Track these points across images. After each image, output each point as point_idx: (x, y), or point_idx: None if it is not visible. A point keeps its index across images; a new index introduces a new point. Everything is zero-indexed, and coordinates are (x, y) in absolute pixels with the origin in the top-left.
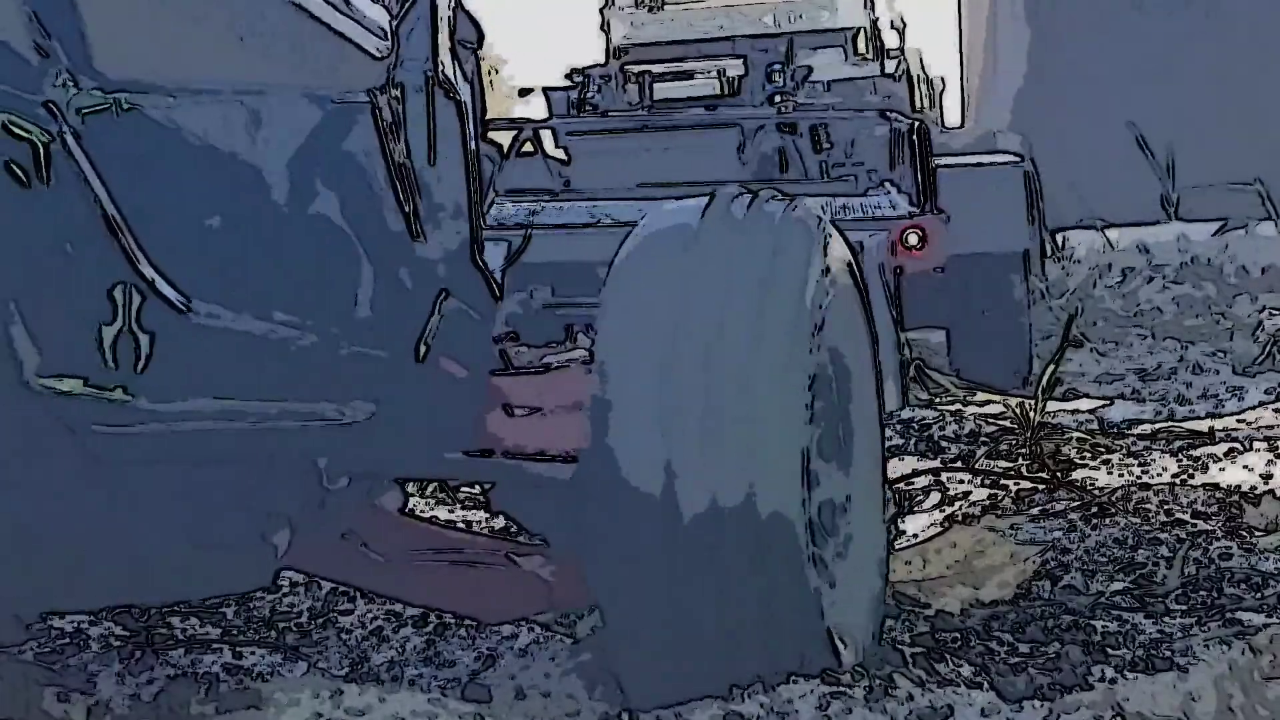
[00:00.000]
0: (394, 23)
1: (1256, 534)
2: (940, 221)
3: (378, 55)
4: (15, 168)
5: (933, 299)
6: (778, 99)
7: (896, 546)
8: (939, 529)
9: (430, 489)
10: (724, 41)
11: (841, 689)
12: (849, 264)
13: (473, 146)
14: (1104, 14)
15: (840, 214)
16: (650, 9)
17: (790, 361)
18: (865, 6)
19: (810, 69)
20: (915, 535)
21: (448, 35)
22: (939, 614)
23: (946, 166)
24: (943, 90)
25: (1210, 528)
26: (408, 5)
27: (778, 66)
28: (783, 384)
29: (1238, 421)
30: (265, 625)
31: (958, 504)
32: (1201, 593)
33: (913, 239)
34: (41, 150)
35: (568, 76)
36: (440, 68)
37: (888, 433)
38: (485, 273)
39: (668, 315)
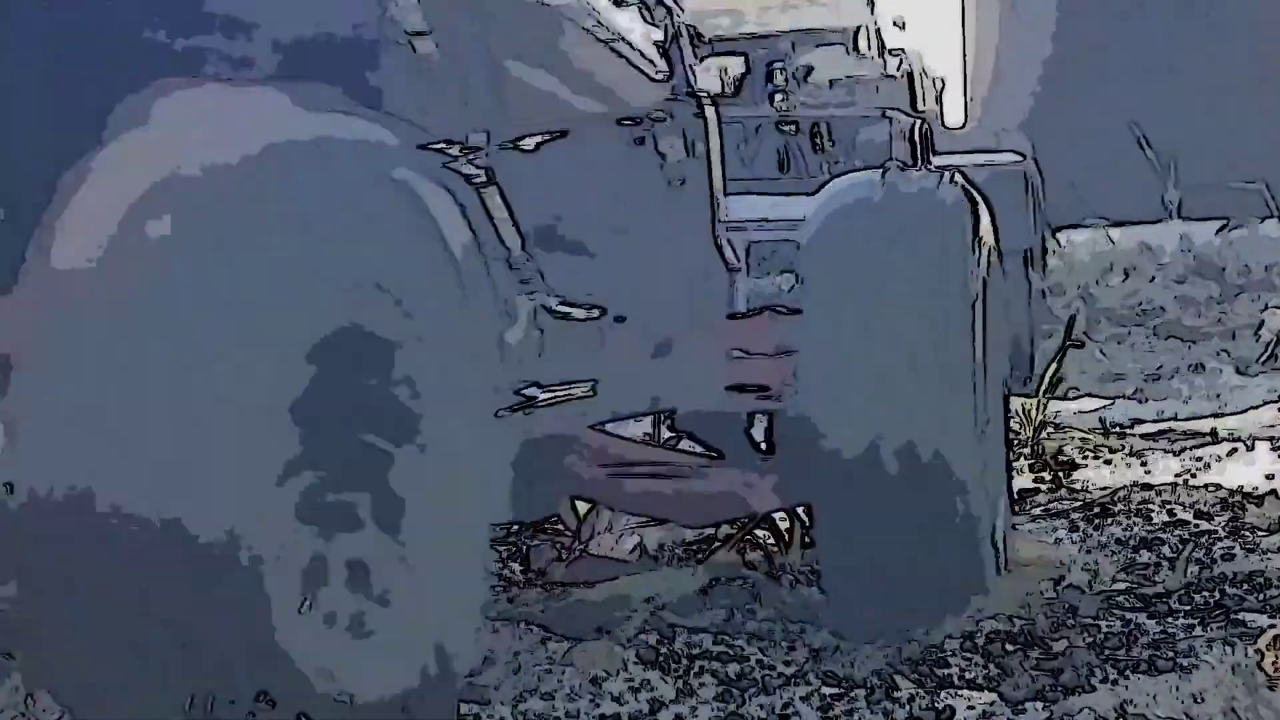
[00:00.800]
0: (665, 46)
1: (1259, 534)
2: None
3: (658, 78)
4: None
5: None
6: (778, 98)
7: None
8: None
9: None
10: (724, 41)
11: (843, 690)
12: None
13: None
14: (1105, 14)
15: None
16: None
17: (964, 321)
18: (867, 5)
19: (811, 68)
20: None
21: (692, 51)
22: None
23: (948, 166)
24: (943, 89)
25: (1213, 528)
26: (675, 31)
27: (778, 65)
28: (960, 346)
29: (1240, 421)
30: None
31: None
32: (1204, 593)
33: None
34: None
35: None
36: (694, 79)
37: None
38: (722, 247)
39: (863, 279)
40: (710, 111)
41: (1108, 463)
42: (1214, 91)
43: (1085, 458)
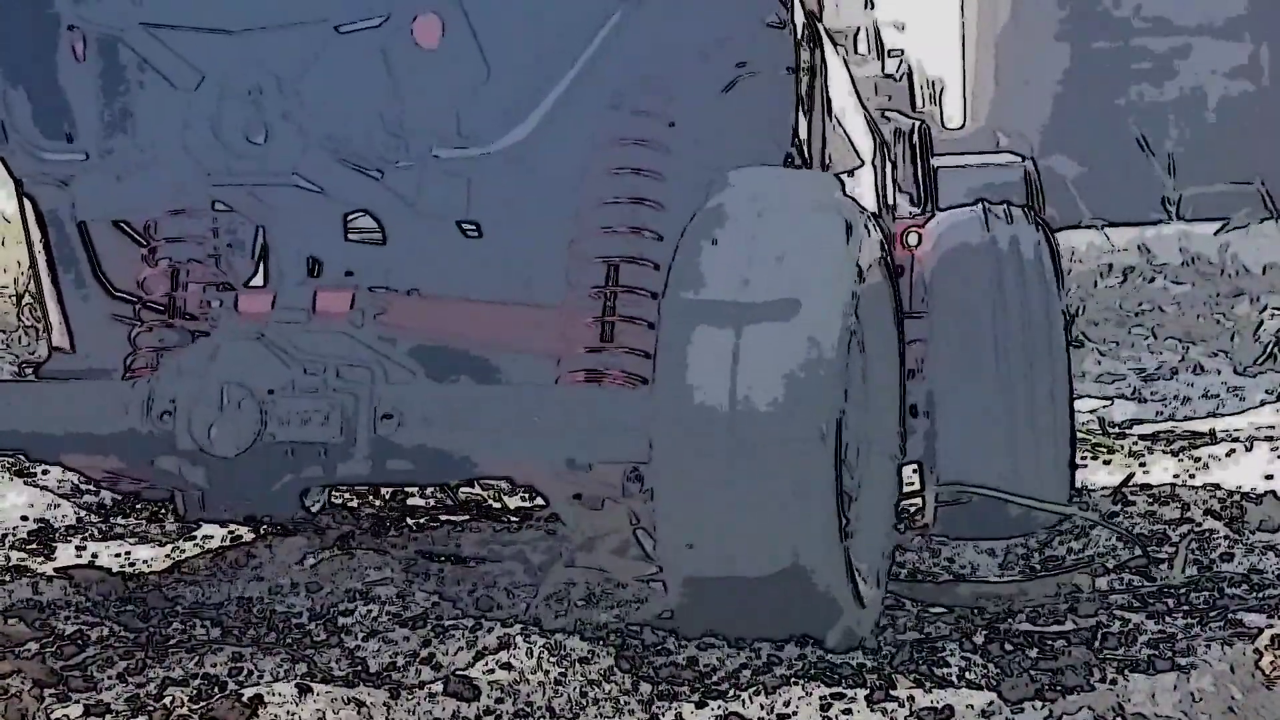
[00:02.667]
0: None
1: (1258, 534)
2: None
3: None
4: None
5: None
6: None
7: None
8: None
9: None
10: None
11: (842, 690)
12: None
13: None
14: (1104, 13)
15: None
16: None
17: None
18: (866, 6)
19: None
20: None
21: None
22: (939, 614)
23: (947, 166)
24: (942, 90)
25: (1212, 528)
26: None
27: None
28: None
29: (1239, 421)
30: (264, 626)
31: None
32: (1203, 593)
33: (913, 239)
34: None
35: None
36: None
37: None
38: None
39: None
40: None
41: (1106, 463)
42: (1214, 91)
43: (1083, 458)
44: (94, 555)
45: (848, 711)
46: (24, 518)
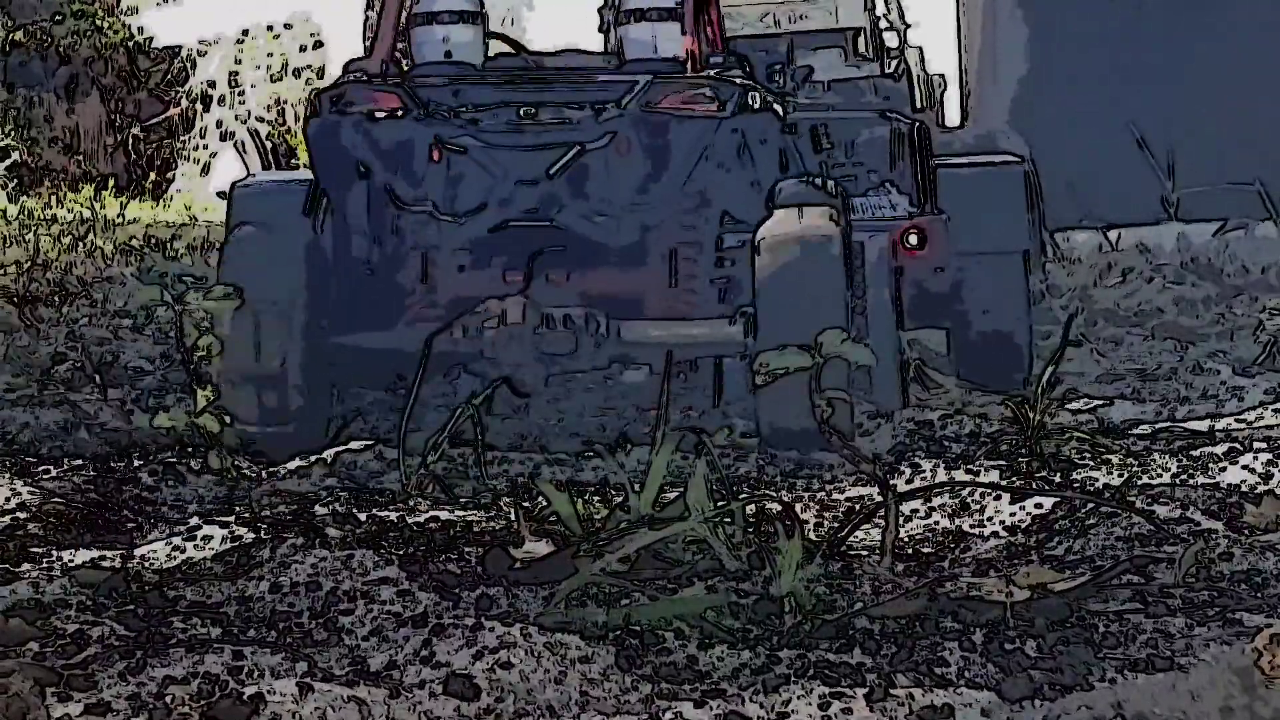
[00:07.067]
0: None
1: (1257, 533)
2: (940, 221)
3: None
4: None
5: (933, 299)
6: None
7: (898, 548)
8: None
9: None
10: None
11: (842, 689)
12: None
13: None
14: (1104, 14)
15: None
16: None
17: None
18: (865, 7)
19: (810, 69)
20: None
21: None
22: (939, 613)
23: (947, 166)
24: (943, 90)
25: (1211, 527)
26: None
27: (778, 67)
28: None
29: (1238, 422)
30: (265, 625)
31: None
32: (1202, 592)
33: (913, 239)
34: None
35: None
36: None
37: (891, 432)
38: None
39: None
40: None
41: (1105, 463)
42: (1213, 91)
43: (1083, 458)
44: (95, 555)
45: (848, 711)
46: (23, 517)
